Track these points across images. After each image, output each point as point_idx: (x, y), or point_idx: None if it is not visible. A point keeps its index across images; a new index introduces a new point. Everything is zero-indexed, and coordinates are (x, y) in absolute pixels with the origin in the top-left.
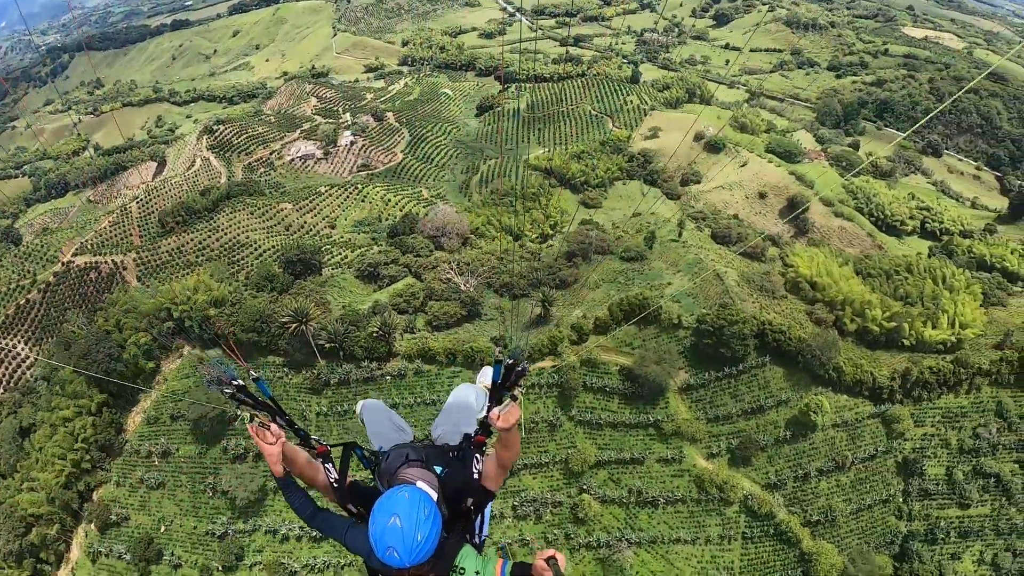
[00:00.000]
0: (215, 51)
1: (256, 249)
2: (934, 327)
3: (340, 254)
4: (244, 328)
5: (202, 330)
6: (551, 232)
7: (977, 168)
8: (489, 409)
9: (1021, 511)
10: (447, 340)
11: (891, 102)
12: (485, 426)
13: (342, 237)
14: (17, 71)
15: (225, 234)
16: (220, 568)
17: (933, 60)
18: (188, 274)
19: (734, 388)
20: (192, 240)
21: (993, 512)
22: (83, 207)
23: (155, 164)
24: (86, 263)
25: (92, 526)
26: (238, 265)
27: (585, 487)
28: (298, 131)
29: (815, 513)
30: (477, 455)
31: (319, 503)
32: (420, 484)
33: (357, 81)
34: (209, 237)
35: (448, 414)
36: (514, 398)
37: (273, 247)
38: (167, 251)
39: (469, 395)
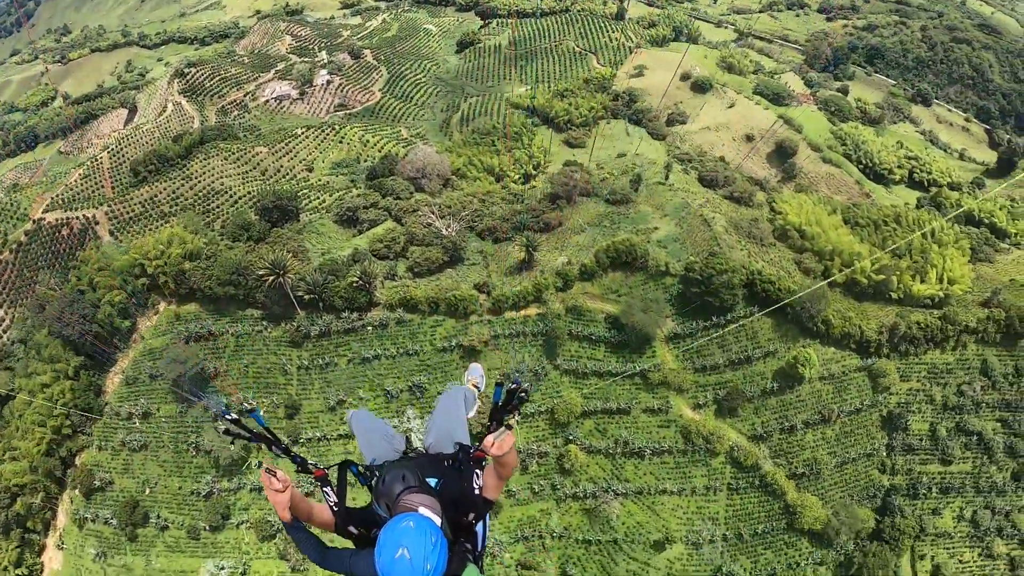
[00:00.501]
0: None
1: (231, 196)
2: (922, 281)
3: (318, 198)
4: (220, 281)
5: (177, 285)
6: (534, 172)
7: (966, 120)
8: (488, 429)
9: (1001, 469)
10: (429, 287)
11: (882, 48)
12: (481, 442)
13: (320, 180)
14: None
15: (199, 182)
16: (207, 528)
17: (926, 8)
18: (162, 226)
19: (722, 338)
20: (165, 189)
21: (974, 469)
22: (54, 159)
23: (126, 111)
24: (57, 220)
25: (77, 492)
26: (213, 214)
27: (571, 437)
28: (272, 71)
29: (800, 466)
30: (477, 471)
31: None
32: (423, 511)
33: (333, 18)
34: (183, 186)
35: (439, 419)
36: (509, 427)
37: (248, 193)
38: (140, 202)
39: (457, 399)
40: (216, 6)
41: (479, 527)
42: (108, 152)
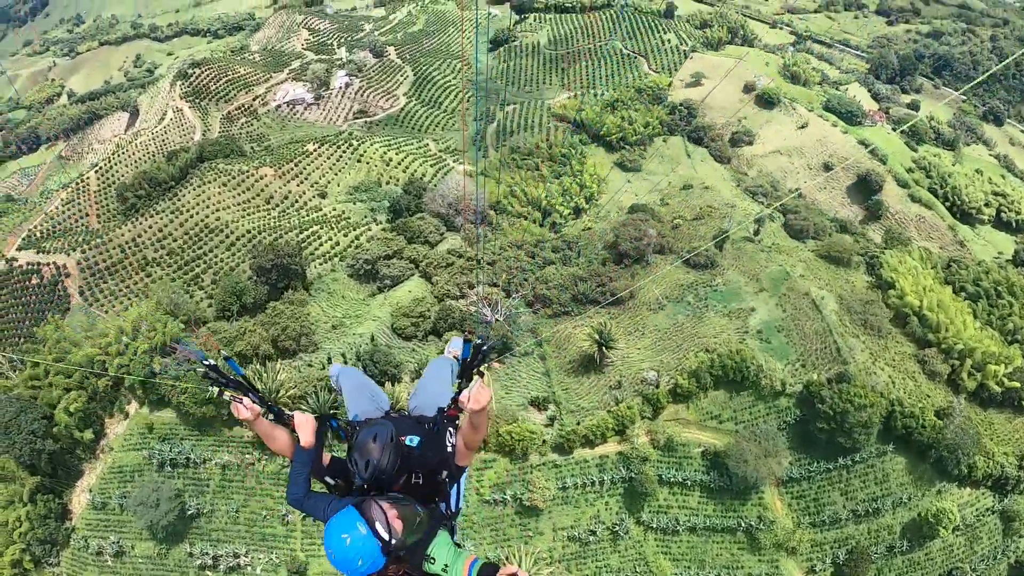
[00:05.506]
0: None
1: (228, 235)
2: None
3: (331, 239)
4: (197, 400)
5: (147, 391)
6: (586, 206)
7: None
8: (459, 386)
9: None
10: None
11: (949, 58)
12: (455, 402)
13: (334, 210)
14: None
15: (191, 216)
16: None
17: (989, 13)
18: (144, 277)
19: (846, 482)
20: (151, 227)
21: None
22: (54, 166)
23: (127, 115)
24: (28, 264)
25: None
26: (204, 261)
27: None
28: (286, 71)
29: None
30: (451, 429)
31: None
32: (378, 525)
33: (354, 9)
34: (172, 222)
35: (424, 388)
36: (480, 375)
37: (248, 232)
38: (119, 246)
39: (444, 368)
40: None
41: (454, 490)
42: (96, 171)
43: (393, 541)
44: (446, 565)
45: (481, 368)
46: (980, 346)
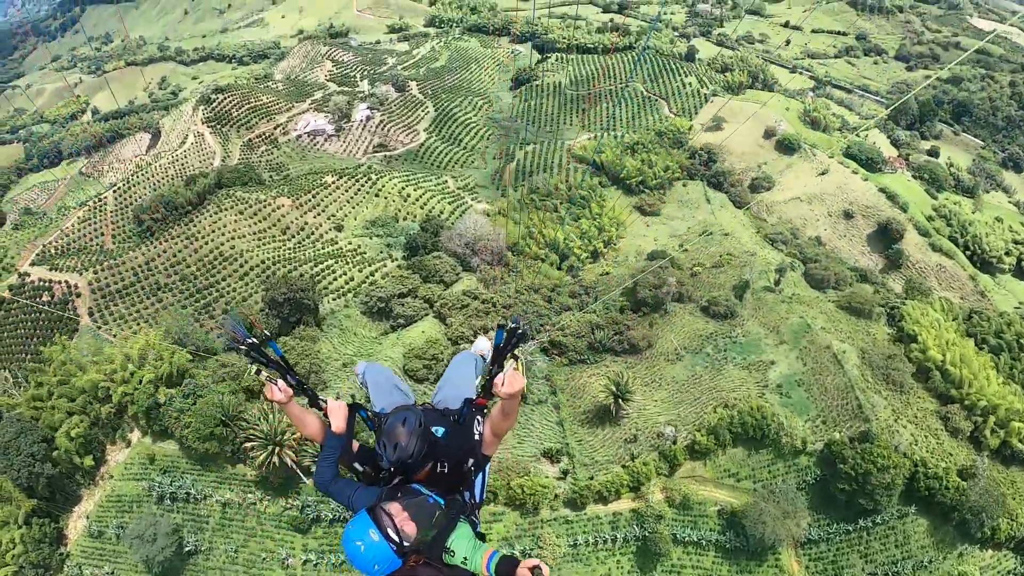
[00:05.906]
0: (229, 5)
1: (242, 264)
2: None
3: (345, 273)
4: (200, 435)
5: (150, 421)
6: (604, 250)
7: None
8: (490, 372)
9: None
10: None
11: (969, 104)
12: (487, 389)
13: (350, 243)
14: (28, 24)
15: (205, 243)
16: None
17: (1008, 59)
18: (155, 302)
19: (866, 545)
20: (165, 251)
21: None
22: (74, 180)
23: (148, 136)
24: (40, 280)
25: None
26: (216, 289)
27: None
28: (308, 101)
29: None
30: (479, 417)
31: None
32: (389, 531)
33: (378, 43)
34: (186, 248)
35: (449, 382)
36: (515, 357)
37: (263, 263)
38: (132, 268)
39: (468, 364)
40: (259, 23)
41: (478, 479)
42: (114, 191)
43: (405, 543)
44: (465, 558)
45: (515, 352)
46: (1004, 403)
